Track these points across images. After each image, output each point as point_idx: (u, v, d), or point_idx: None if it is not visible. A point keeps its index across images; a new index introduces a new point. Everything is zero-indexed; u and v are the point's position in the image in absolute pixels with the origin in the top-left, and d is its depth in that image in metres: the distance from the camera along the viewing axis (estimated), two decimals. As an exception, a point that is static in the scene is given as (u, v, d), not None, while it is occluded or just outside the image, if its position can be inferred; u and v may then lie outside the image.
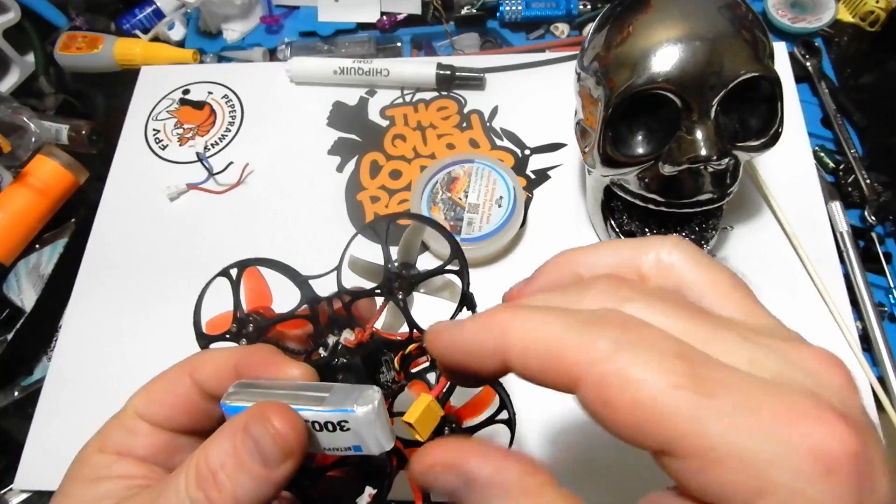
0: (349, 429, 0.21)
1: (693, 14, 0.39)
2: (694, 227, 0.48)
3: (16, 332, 0.54)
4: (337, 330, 0.27)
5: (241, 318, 0.27)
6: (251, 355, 0.24)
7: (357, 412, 0.21)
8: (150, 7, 0.72)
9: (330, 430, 0.21)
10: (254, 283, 0.29)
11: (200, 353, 0.25)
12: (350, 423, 0.21)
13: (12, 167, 0.59)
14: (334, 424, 0.21)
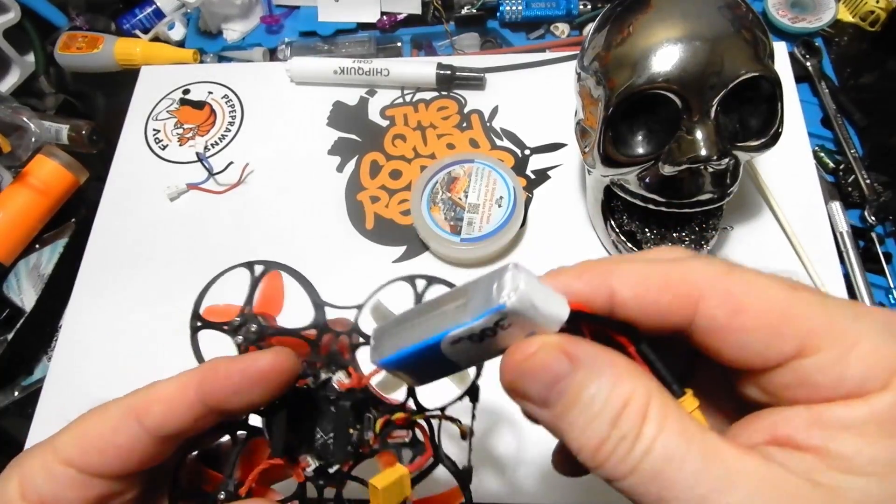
0: (511, 324, 0.18)
1: (693, 14, 0.39)
2: (694, 227, 0.48)
3: (16, 332, 0.54)
4: (333, 367, 0.26)
5: (247, 315, 0.26)
6: (212, 373, 0.22)
7: (508, 305, 0.18)
8: (150, 7, 0.72)
9: (490, 335, 0.19)
10: (271, 287, 0.28)
11: (145, 390, 0.22)
12: (509, 316, 0.18)
13: (12, 167, 0.59)
14: (494, 329, 0.19)
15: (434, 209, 0.52)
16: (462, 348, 0.20)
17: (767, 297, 0.17)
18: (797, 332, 0.17)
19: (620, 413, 0.17)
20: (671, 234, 0.48)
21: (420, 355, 0.20)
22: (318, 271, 0.48)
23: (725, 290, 0.17)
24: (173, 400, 0.22)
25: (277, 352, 0.23)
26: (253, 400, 0.22)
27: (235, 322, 0.26)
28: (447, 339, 0.19)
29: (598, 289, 0.19)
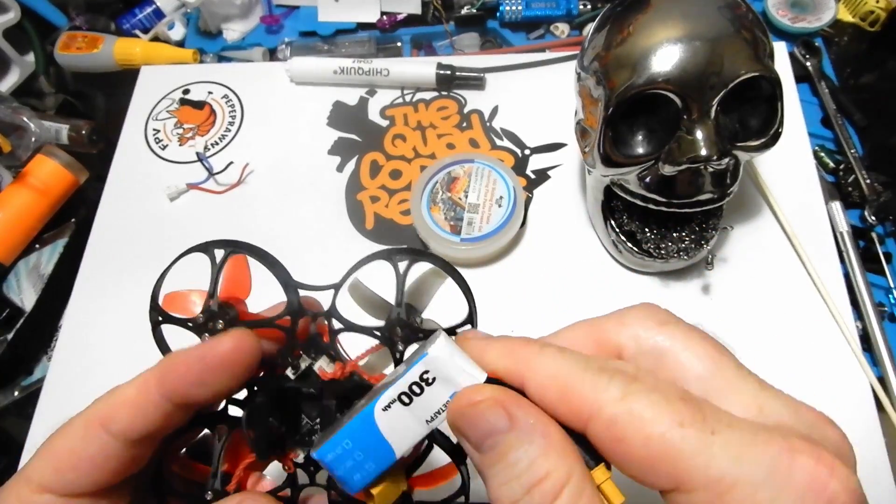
0: (434, 378, 0.20)
1: (693, 14, 0.39)
2: (694, 227, 0.48)
3: (16, 332, 0.54)
4: (314, 353, 0.24)
5: (212, 310, 0.24)
6: (171, 368, 0.21)
7: (430, 352, 0.20)
8: (150, 7, 0.72)
9: (418, 393, 0.20)
10: (236, 269, 0.25)
11: (107, 396, 0.22)
12: (431, 371, 0.20)
13: (12, 167, 0.59)
14: (419, 384, 0.20)
15: (434, 209, 0.52)
16: (395, 419, 0.21)
17: (648, 433, 0.18)
18: (672, 470, 0.17)
19: (537, 484, 0.18)
20: (671, 234, 0.48)
21: (355, 436, 0.21)
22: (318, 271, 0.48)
23: (611, 418, 0.18)
24: (137, 402, 0.21)
25: (236, 333, 0.22)
26: (220, 388, 0.22)
27: (200, 319, 0.24)
28: (378, 405, 0.20)
29: (514, 377, 0.20)
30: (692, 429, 0.17)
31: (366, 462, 0.21)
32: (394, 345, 0.24)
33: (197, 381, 0.21)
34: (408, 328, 0.24)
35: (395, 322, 0.24)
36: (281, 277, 0.24)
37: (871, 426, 0.45)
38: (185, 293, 0.26)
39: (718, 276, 0.51)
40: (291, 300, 0.24)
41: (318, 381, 0.24)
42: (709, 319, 0.50)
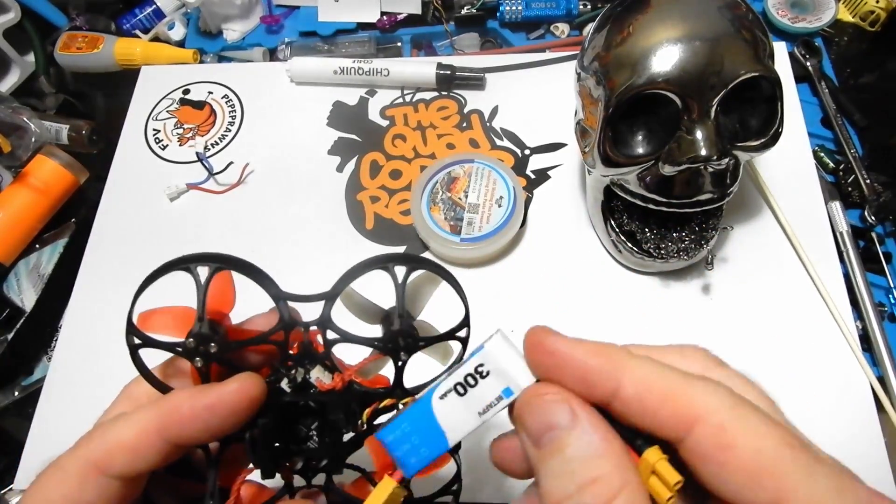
0: (488, 371, 0.21)
1: (693, 14, 0.39)
2: (694, 227, 0.48)
3: (16, 332, 0.54)
4: (308, 363, 0.24)
5: (202, 333, 0.22)
6: (175, 414, 0.21)
7: (487, 348, 0.21)
8: (150, 7, 0.72)
9: (473, 384, 0.21)
10: (219, 282, 0.24)
11: (101, 436, 0.21)
12: (486, 364, 0.21)
13: (12, 167, 0.59)
14: (474, 376, 0.21)
15: (434, 209, 0.52)
16: (450, 408, 0.21)
17: (759, 445, 0.18)
18: (777, 486, 0.17)
19: (590, 484, 0.18)
20: (671, 234, 0.48)
21: (413, 421, 0.21)
22: (317, 271, 0.48)
23: (721, 424, 0.18)
24: (135, 446, 0.21)
25: (245, 380, 0.22)
26: (222, 432, 0.22)
27: (190, 344, 0.22)
28: (436, 394, 0.21)
29: (608, 376, 0.20)
30: (802, 452, 0.17)
31: (421, 447, 0.22)
32: (397, 355, 0.24)
33: (203, 428, 0.21)
34: (410, 338, 0.24)
35: (397, 332, 0.24)
36: (271, 291, 0.23)
37: (871, 426, 0.45)
38: (162, 311, 0.24)
39: (718, 276, 0.51)
40: (283, 314, 0.23)
41: (316, 391, 0.24)
42: (709, 319, 0.50)
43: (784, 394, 0.49)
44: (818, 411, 0.45)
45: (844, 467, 0.18)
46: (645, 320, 0.50)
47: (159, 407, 0.21)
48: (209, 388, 0.22)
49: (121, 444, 0.21)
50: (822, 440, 0.49)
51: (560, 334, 0.21)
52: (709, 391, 0.19)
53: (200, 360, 0.23)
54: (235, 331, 0.24)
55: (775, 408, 0.21)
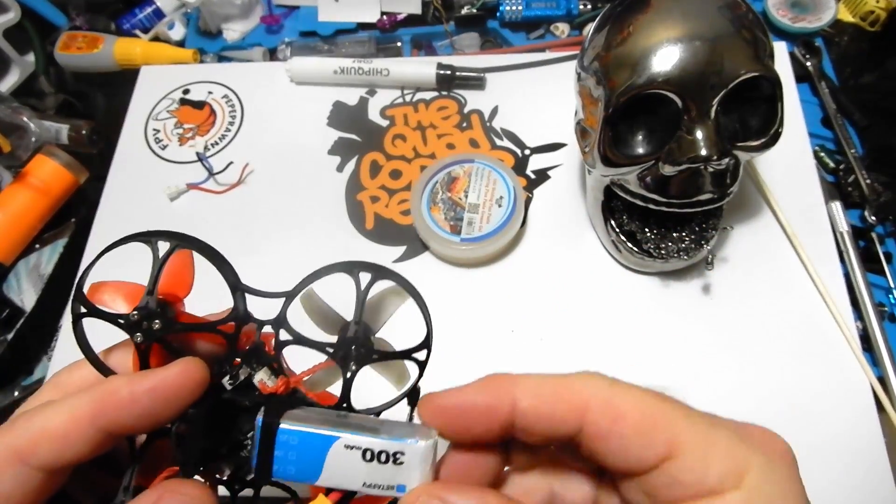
0: (402, 462, 0.21)
1: (693, 14, 0.39)
2: (694, 227, 0.48)
3: (16, 332, 0.54)
4: (255, 363, 0.23)
5: (149, 308, 0.22)
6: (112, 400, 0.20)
7: (419, 444, 0.21)
8: (150, 7, 0.72)
9: (382, 461, 0.21)
10: (178, 264, 0.23)
11: (26, 423, 0.20)
12: (407, 455, 0.21)
13: (12, 167, 0.59)
14: (388, 455, 0.21)
15: (434, 209, 0.52)
16: (345, 461, 0.21)
17: (642, 406, 0.20)
18: (666, 435, 0.19)
19: None
20: (671, 234, 0.48)
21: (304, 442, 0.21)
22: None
23: (607, 400, 0.20)
24: (66, 436, 0.19)
25: (187, 365, 0.21)
26: (162, 419, 0.21)
27: (133, 316, 0.22)
28: (345, 440, 0.21)
29: (503, 398, 0.21)
30: (676, 403, 0.20)
31: (291, 465, 0.21)
32: (347, 364, 0.23)
33: (140, 414, 0.20)
34: (363, 348, 0.23)
35: (351, 340, 0.23)
36: (229, 279, 0.22)
37: (871, 426, 0.45)
38: (115, 284, 0.23)
39: (718, 276, 0.51)
40: (238, 305, 0.22)
41: (258, 394, 0.23)
42: (709, 319, 0.50)
43: (784, 394, 0.49)
44: (818, 411, 0.45)
45: (709, 413, 0.21)
46: (645, 320, 0.50)
47: (94, 392, 0.20)
48: (148, 372, 0.21)
49: (48, 432, 0.19)
50: (823, 440, 0.49)
51: (445, 391, 0.21)
52: (588, 379, 0.20)
53: (141, 336, 0.22)
54: (187, 316, 0.23)
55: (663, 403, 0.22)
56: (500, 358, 0.49)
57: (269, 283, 0.23)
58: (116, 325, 0.22)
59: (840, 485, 0.43)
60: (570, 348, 0.49)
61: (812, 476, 0.43)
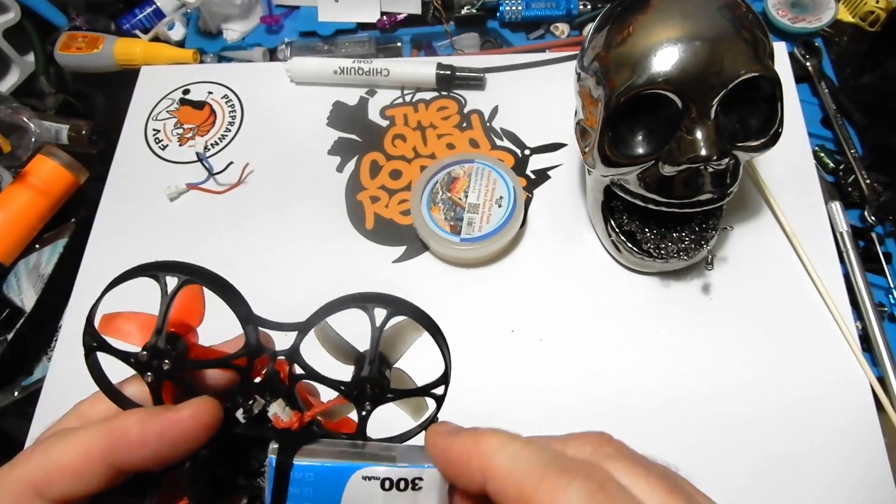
0: (421, 488, 0.20)
1: (693, 14, 0.39)
2: (694, 227, 0.48)
3: (16, 332, 0.54)
4: (269, 395, 0.22)
5: (157, 347, 0.21)
6: (123, 439, 0.20)
7: (436, 468, 0.21)
8: (150, 7, 0.72)
9: (401, 488, 0.20)
10: (189, 294, 0.22)
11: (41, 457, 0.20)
12: (425, 481, 0.21)
13: (12, 167, 0.59)
14: (407, 482, 0.20)
15: (434, 209, 0.52)
16: (364, 492, 0.20)
17: (511, 465, 0.19)
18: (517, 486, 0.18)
19: None
20: (671, 234, 0.48)
21: (320, 477, 0.21)
22: (317, 271, 0.48)
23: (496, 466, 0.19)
24: (79, 471, 0.19)
25: (197, 405, 0.21)
26: (171, 460, 0.20)
27: (143, 356, 0.21)
28: (362, 472, 0.20)
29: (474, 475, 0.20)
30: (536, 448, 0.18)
31: (308, 501, 0.21)
32: (361, 403, 0.22)
33: (150, 456, 0.20)
34: (378, 388, 0.22)
35: (365, 379, 0.22)
36: (240, 313, 0.22)
37: (871, 426, 0.45)
38: (127, 315, 0.23)
39: (718, 276, 0.51)
40: (250, 339, 0.22)
41: (271, 427, 0.22)
42: (709, 319, 0.50)
43: (784, 394, 0.49)
44: (818, 411, 0.45)
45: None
46: (645, 320, 0.50)
47: (106, 429, 0.20)
48: (161, 412, 0.20)
49: (62, 466, 0.19)
50: (823, 440, 0.49)
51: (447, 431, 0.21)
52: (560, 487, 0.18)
53: (151, 376, 0.21)
54: (199, 349, 0.23)
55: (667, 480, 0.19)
56: (501, 358, 0.49)
57: (269, 283, 0.23)
58: (127, 364, 0.22)
59: (840, 485, 0.43)
60: (570, 348, 0.49)
61: (812, 476, 0.43)
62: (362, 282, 0.52)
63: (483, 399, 0.44)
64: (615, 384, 0.47)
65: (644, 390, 0.47)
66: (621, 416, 0.46)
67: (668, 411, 0.46)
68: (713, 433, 0.45)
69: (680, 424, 0.46)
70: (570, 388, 0.47)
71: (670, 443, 0.45)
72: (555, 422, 0.46)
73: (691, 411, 0.46)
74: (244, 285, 0.24)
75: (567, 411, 0.46)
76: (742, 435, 0.45)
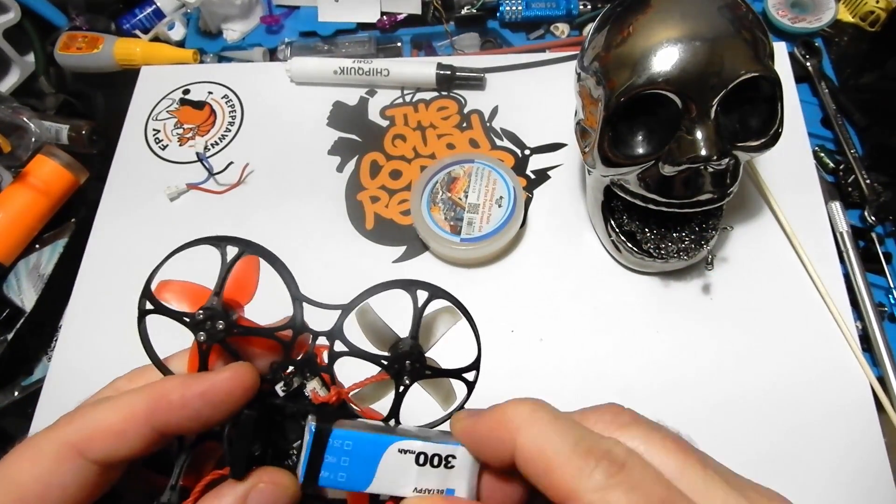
0: (453, 466, 0.21)
1: (693, 14, 0.39)
2: (694, 227, 0.48)
3: (16, 332, 0.54)
4: (308, 373, 0.23)
5: (214, 309, 0.22)
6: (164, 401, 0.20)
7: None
8: (150, 7, 0.72)
9: (434, 464, 0.21)
10: (243, 271, 0.24)
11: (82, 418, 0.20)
12: (458, 459, 0.21)
13: (12, 167, 0.59)
14: (441, 458, 0.21)
15: (434, 209, 0.52)
16: (398, 465, 0.21)
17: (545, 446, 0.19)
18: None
19: None
20: (671, 234, 0.48)
21: (358, 446, 0.21)
22: (317, 271, 0.48)
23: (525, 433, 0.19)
24: (120, 430, 0.20)
25: (236, 367, 0.21)
26: (211, 422, 0.21)
27: (199, 315, 0.22)
28: (400, 444, 0.21)
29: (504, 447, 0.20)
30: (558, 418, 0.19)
31: (343, 471, 0.21)
32: (400, 378, 0.23)
33: (192, 416, 0.20)
34: (418, 363, 0.23)
35: (406, 354, 0.23)
36: (291, 290, 0.23)
37: (871, 426, 0.45)
38: (180, 283, 0.24)
39: (718, 276, 0.51)
40: (297, 314, 0.23)
41: (309, 403, 0.23)
42: (709, 319, 0.50)
43: (784, 394, 0.49)
44: (818, 411, 0.45)
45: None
46: (645, 320, 0.50)
47: (148, 392, 0.20)
48: (201, 376, 0.21)
49: (105, 428, 0.20)
50: (823, 440, 0.49)
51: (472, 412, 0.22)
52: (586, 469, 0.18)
53: (204, 336, 0.22)
54: (246, 322, 0.24)
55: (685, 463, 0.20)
56: (501, 358, 0.49)
57: (268, 283, 0.24)
58: (181, 323, 0.22)
59: (840, 485, 0.43)
60: (570, 348, 0.49)
61: (812, 476, 0.43)
62: (362, 282, 0.52)
63: (483, 399, 0.44)
64: (615, 384, 0.47)
65: (644, 390, 0.47)
66: (621, 416, 0.46)
67: (668, 411, 0.46)
68: (713, 433, 0.45)
69: (680, 424, 0.46)
70: (570, 388, 0.47)
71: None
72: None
73: (691, 411, 0.46)
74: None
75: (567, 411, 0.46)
76: (742, 435, 0.45)
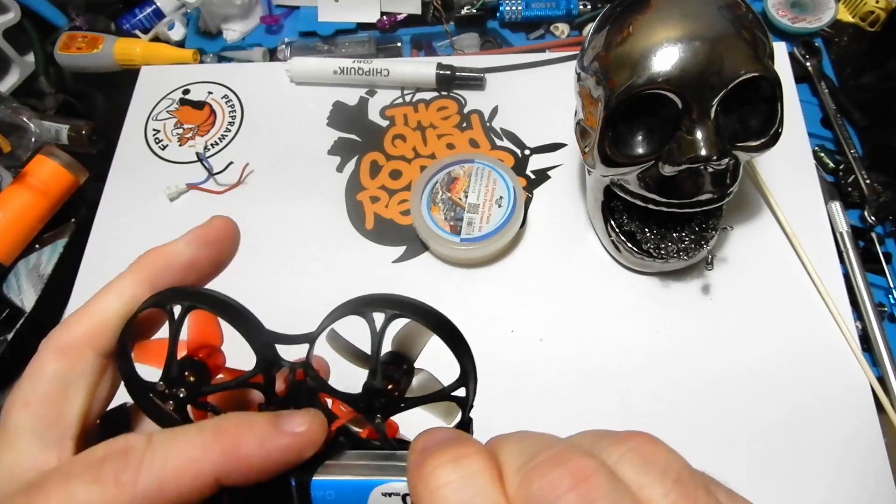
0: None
1: (693, 14, 0.39)
2: (694, 227, 0.48)
3: (16, 332, 0.54)
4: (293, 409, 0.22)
5: (171, 377, 0.21)
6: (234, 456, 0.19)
7: None
8: (150, 7, 0.72)
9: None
10: (201, 314, 0.22)
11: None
12: None
13: (12, 167, 0.59)
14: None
15: (434, 209, 0.52)
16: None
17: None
18: None
19: None
20: (671, 234, 0.48)
21: (341, 495, 0.20)
22: (317, 272, 0.48)
23: None
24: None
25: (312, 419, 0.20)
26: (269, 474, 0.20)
27: (161, 386, 0.21)
28: (382, 488, 0.20)
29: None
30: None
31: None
32: (372, 415, 0.21)
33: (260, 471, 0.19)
34: (385, 398, 0.21)
35: (372, 392, 0.21)
36: (249, 334, 0.21)
37: (871, 426, 0.45)
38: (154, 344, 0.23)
39: (718, 276, 0.51)
40: (263, 356, 0.21)
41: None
42: (709, 319, 0.50)
43: (784, 394, 0.49)
44: (818, 411, 0.45)
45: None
46: (645, 320, 0.50)
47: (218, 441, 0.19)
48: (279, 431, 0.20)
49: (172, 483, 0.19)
50: (822, 440, 0.49)
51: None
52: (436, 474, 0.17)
53: (173, 405, 0.21)
54: (223, 371, 0.23)
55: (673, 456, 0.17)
56: (501, 358, 0.49)
57: (269, 283, 0.23)
58: (154, 396, 0.22)
59: (840, 485, 0.43)
60: (570, 348, 0.49)
61: (812, 476, 0.43)
62: (362, 282, 0.52)
63: (482, 399, 0.44)
64: (615, 384, 0.47)
65: (644, 390, 0.47)
66: (621, 416, 0.46)
67: (668, 411, 0.46)
68: (713, 433, 0.45)
69: (680, 424, 0.46)
70: (570, 388, 0.47)
71: (670, 443, 0.45)
72: (555, 422, 0.46)
73: (691, 411, 0.46)
74: (244, 286, 0.23)
75: (567, 411, 0.46)
76: (742, 435, 0.45)
